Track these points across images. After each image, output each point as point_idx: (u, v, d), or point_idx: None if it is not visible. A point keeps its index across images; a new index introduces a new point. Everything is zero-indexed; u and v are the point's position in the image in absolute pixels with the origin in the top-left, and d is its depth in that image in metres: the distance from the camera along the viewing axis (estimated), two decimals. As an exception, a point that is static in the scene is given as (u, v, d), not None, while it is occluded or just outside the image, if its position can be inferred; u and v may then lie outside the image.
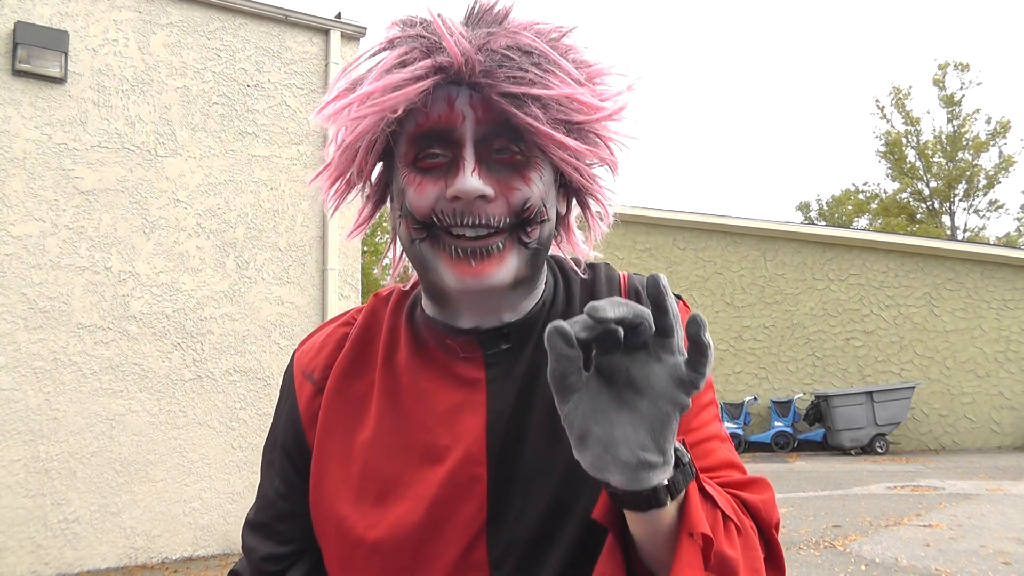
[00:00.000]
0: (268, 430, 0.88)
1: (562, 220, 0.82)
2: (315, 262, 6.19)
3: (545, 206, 0.73)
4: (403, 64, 0.69)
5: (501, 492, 0.73)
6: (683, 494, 0.62)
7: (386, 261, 0.88)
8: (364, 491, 0.76)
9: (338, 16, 6.51)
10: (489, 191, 0.69)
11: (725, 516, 0.65)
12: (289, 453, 0.82)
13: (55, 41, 5.22)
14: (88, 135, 5.40)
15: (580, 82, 0.71)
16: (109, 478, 5.24)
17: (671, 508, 0.61)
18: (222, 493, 5.62)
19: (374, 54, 0.74)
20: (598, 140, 0.74)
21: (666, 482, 0.59)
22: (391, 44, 0.72)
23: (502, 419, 0.75)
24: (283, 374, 0.88)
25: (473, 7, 0.73)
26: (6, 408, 4.96)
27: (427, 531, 0.73)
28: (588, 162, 0.75)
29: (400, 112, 0.69)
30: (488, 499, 0.73)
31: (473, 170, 0.69)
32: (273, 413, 0.88)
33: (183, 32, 5.81)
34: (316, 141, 6.30)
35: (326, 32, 6.41)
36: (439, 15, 0.71)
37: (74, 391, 5.19)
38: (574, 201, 0.82)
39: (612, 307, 0.54)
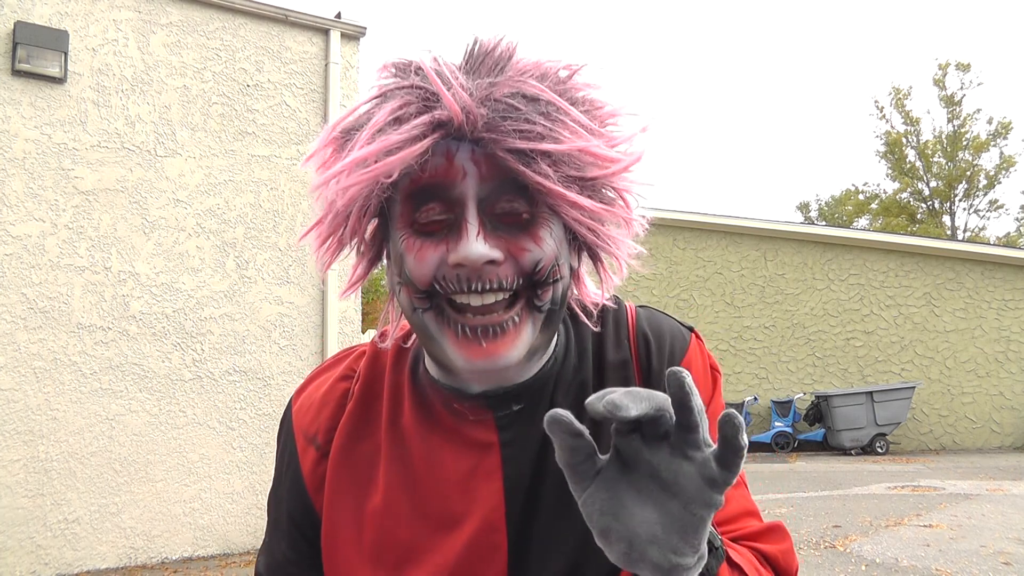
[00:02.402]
0: (272, 482, 0.84)
1: (573, 272, 0.76)
2: (315, 262, 6.18)
3: (558, 264, 0.68)
4: (398, 121, 0.63)
5: (521, 559, 0.72)
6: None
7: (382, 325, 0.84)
8: (381, 560, 0.73)
9: (338, 16, 6.51)
10: (498, 255, 0.64)
11: None
12: (296, 521, 0.79)
13: (55, 41, 5.21)
14: (88, 135, 5.39)
15: (591, 130, 0.65)
16: (109, 478, 5.24)
17: None
18: (222, 493, 5.62)
19: (365, 106, 0.68)
20: (613, 195, 0.69)
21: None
22: (384, 97, 0.66)
23: (520, 484, 0.72)
24: (280, 426, 0.84)
25: (473, 49, 0.67)
26: (6, 408, 4.96)
27: None
28: (603, 221, 0.69)
29: (395, 176, 0.63)
30: (508, 567, 0.71)
31: (478, 234, 0.64)
32: (275, 465, 0.84)
33: (183, 32, 5.80)
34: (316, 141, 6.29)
35: (326, 32, 6.41)
36: (435, 61, 0.65)
37: (74, 391, 5.18)
38: (585, 254, 0.76)
39: (634, 403, 0.50)
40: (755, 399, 12.53)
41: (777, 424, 12.26)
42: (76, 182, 5.33)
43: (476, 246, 0.63)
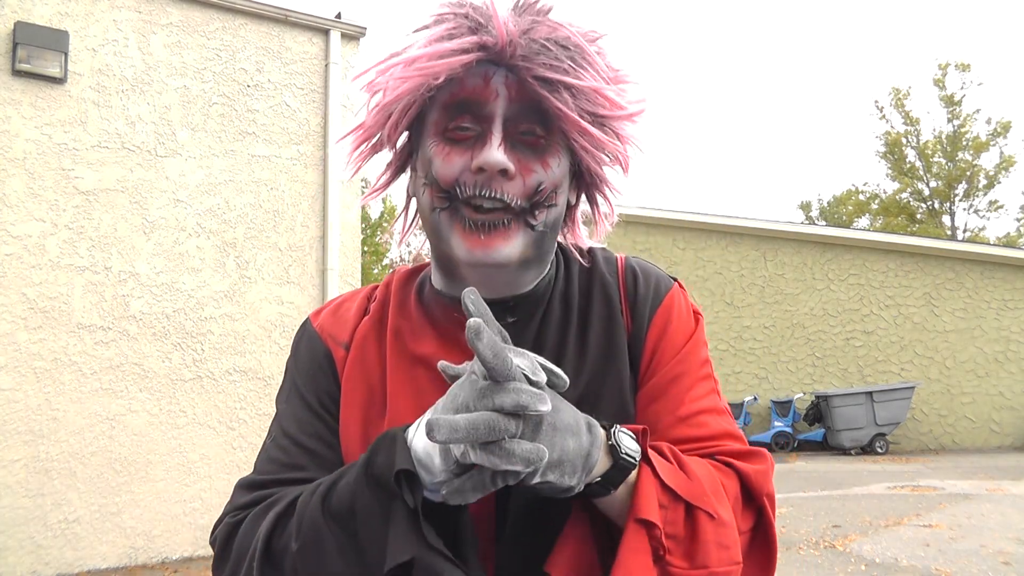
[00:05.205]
0: (284, 385, 0.89)
1: (570, 211, 0.87)
2: (315, 262, 6.19)
3: (556, 192, 0.78)
4: (450, 37, 0.74)
5: None
6: (633, 482, 0.68)
7: (396, 229, 0.93)
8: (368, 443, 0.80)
9: (338, 16, 6.51)
10: (511, 167, 0.73)
11: (690, 506, 0.69)
12: (324, 403, 0.84)
13: (55, 41, 5.21)
14: (88, 135, 5.39)
15: (608, 80, 0.77)
16: (109, 478, 5.24)
17: (620, 494, 0.69)
18: (222, 493, 5.62)
19: (420, 29, 0.78)
20: (616, 137, 0.79)
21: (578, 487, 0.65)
22: (440, 19, 0.76)
23: None
24: (298, 339, 0.90)
25: (519, 0, 0.78)
26: (6, 408, 4.96)
27: None
28: (606, 153, 0.79)
29: (441, 80, 0.73)
30: None
31: (500, 145, 0.73)
32: (291, 369, 0.89)
33: (183, 32, 5.80)
34: (316, 141, 6.29)
35: (326, 32, 6.41)
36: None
37: (74, 391, 5.18)
38: (583, 196, 0.87)
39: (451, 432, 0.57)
40: (755, 399, 12.53)
41: (777, 424, 12.26)
42: (76, 182, 5.33)
43: (496, 153, 0.73)
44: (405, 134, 0.83)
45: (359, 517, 0.65)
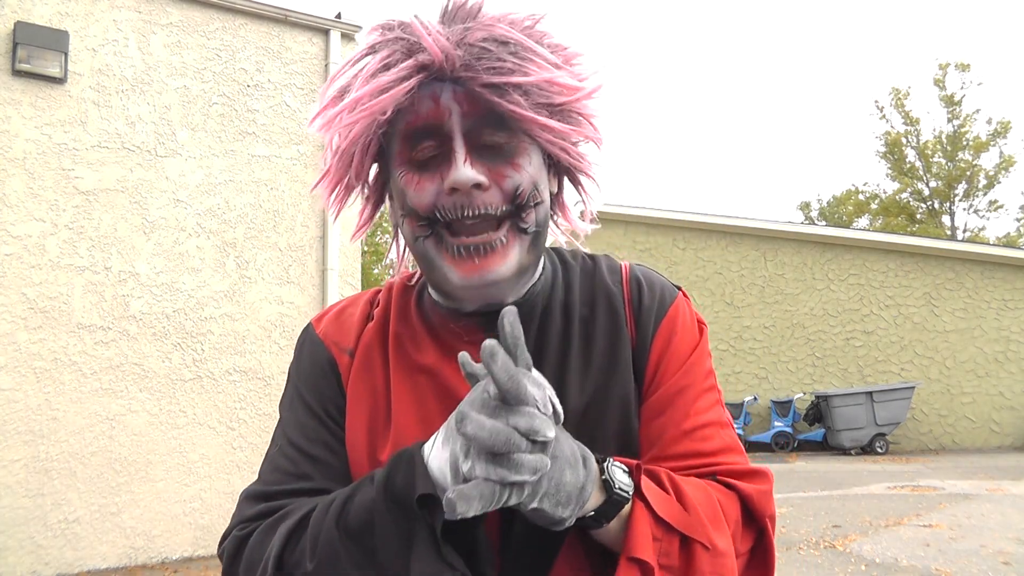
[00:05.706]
0: (287, 390, 0.88)
1: (555, 198, 0.86)
2: (315, 262, 6.19)
3: (537, 189, 0.76)
4: (387, 67, 0.72)
5: None
6: (627, 515, 0.68)
7: (390, 257, 0.92)
8: (374, 453, 0.79)
9: (338, 16, 6.51)
10: (483, 179, 0.72)
11: (685, 537, 0.69)
12: (330, 413, 0.83)
13: (55, 41, 5.21)
14: (88, 135, 5.39)
15: (557, 65, 0.74)
16: (109, 478, 5.24)
17: (614, 526, 0.69)
18: (222, 493, 5.62)
19: (357, 61, 0.76)
20: (580, 119, 0.77)
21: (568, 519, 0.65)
22: (373, 49, 0.75)
23: None
24: (301, 344, 0.89)
25: (447, 5, 0.76)
26: (6, 408, 4.96)
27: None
28: (573, 140, 0.78)
29: (389, 114, 0.72)
30: None
31: (465, 160, 0.72)
32: (294, 374, 0.88)
33: (183, 32, 5.80)
34: (316, 141, 6.29)
35: (326, 32, 6.41)
36: (415, 16, 0.74)
37: (74, 391, 5.18)
38: (565, 179, 0.86)
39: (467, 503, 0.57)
40: (755, 399, 12.54)
41: (777, 424, 12.26)
42: (76, 182, 5.33)
43: (464, 170, 0.71)
44: (374, 167, 0.82)
45: (378, 536, 0.65)
